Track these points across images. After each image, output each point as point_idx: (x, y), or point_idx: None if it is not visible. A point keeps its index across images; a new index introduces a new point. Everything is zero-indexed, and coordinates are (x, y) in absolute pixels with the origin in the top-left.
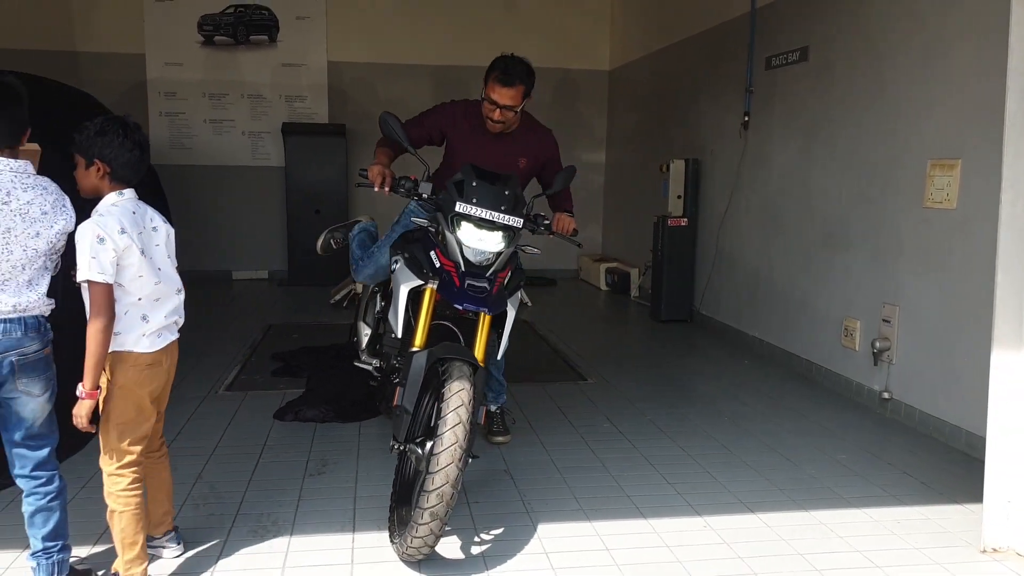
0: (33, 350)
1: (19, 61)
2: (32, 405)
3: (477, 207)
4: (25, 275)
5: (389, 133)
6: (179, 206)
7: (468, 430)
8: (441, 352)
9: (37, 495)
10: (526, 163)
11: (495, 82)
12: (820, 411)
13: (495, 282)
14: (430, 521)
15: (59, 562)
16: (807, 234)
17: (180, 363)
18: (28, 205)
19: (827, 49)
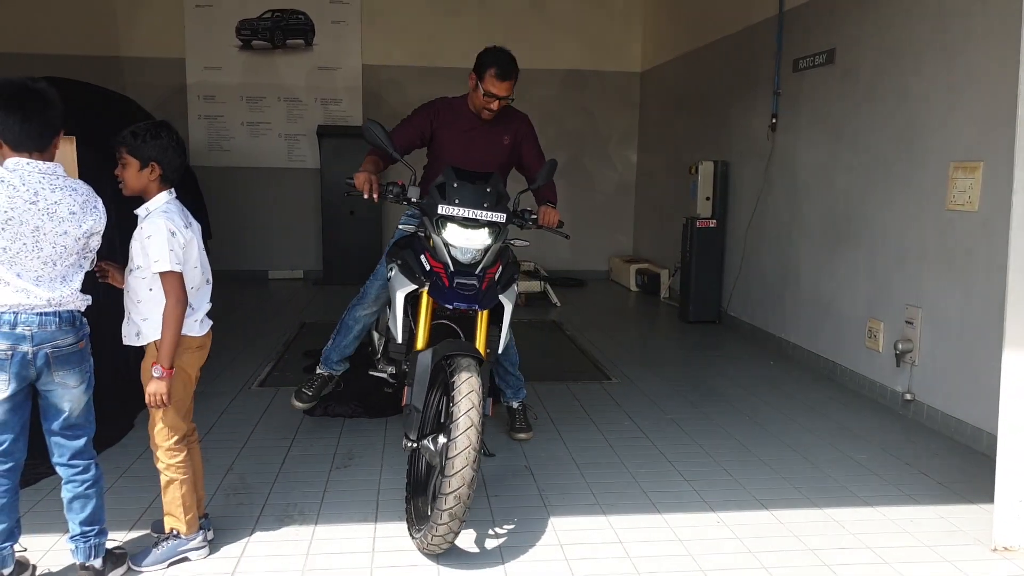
0: (68, 343)
1: (67, 66)
2: (68, 396)
3: (460, 207)
4: (57, 271)
5: (373, 140)
6: (217, 207)
7: (480, 431)
8: (445, 349)
9: (75, 483)
10: (509, 140)
11: (493, 77)
12: (842, 412)
13: (484, 278)
14: (449, 521)
15: (96, 546)
16: (832, 236)
17: (216, 359)
18: (56, 205)
19: (853, 51)
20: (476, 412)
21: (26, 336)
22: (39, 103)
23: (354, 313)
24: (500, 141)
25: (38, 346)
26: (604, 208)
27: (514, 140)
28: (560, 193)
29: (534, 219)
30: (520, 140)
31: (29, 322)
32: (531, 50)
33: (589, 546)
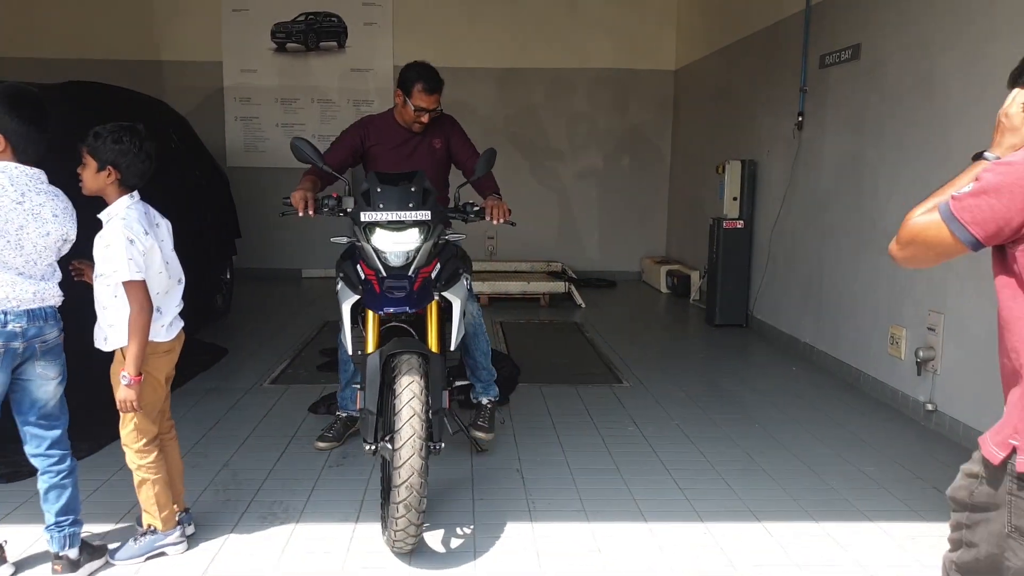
0: (52, 336)
1: (109, 70)
2: (46, 387)
3: (383, 211)
4: (37, 269)
5: (301, 156)
6: (252, 207)
7: (424, 419)
8: (390, 349)
9: (50, 473)
10: (441, 144)
11: (422, 92)
12: (860, 421)
13: (417, 279)
14: (405, 512)
15: (71, 535)
16: (856, 237)
17: (235, 355)
18: (41, 207)
19: (878, 46)
20: (418, 401)
21: (17, 333)
22: (42, 115)
23: (344, 349)
24: (433, 147)
25: (31, 340)
26: (636, 208)
27: (446, 142)
28: (592, 193)
29: (476, 211)
30: (450, 140)
31: (19, 319)
32: (563, 49)
33: (566, 554)
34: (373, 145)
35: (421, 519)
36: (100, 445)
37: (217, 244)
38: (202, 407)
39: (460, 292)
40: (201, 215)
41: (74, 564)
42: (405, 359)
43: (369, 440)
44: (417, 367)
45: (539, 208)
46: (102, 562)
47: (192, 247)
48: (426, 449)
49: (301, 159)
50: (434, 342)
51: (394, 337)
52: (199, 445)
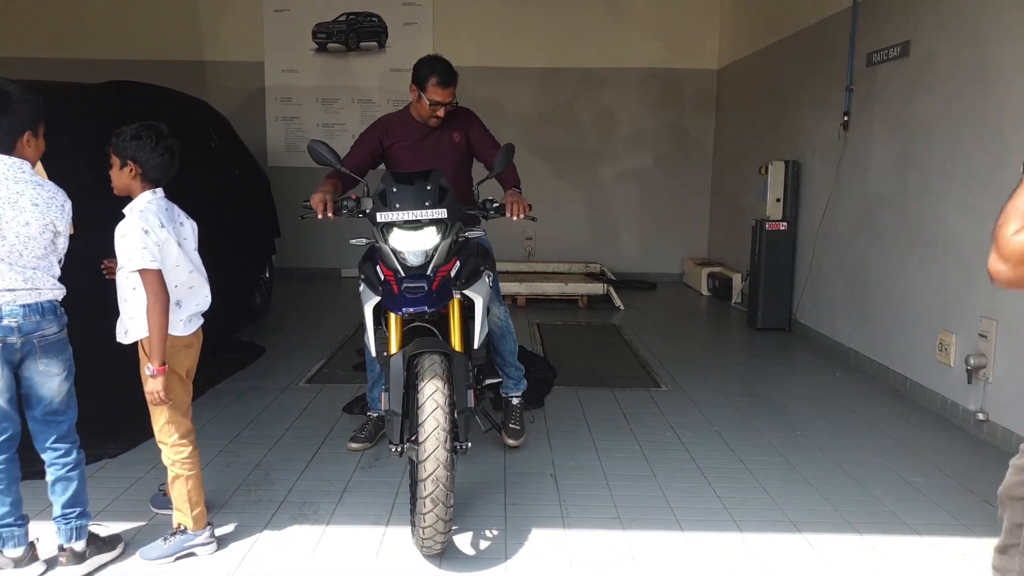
0: (52, 332)
1: (155, 71)
2: (51, 384)
3: (399, 211)
4: (25, 260)
5: (318, 159)
6: (292, 207)
7: (448, 413)
8: (413, 349)
9: (56, 465)
10: (460, 137)
11: (436, 86)
12: (906, 430)
13: (435, 278)
14: (432, 508)
15: (77, 527)
16: (904, 240)
17: (272, 354)
18: (18, 195)
19: (929, 43)
20: (440, 395)
21: (13, 328)
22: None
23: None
24: (451, 141)
25: (26, 336)
26: (677, 209)
27: (464, 136)
28: (632, 194)
29: (496, 208)
30: (469, 133)
31: (15, 314)
32: (604, 49)
33: (599, 562)
34: (392, 143)
35: (449, 515)
36: (134, 443)
37: (257, 243)
38: (238, 406)
39: (482, 290)
40: (241, 214)
41: (79, 556)
42: (427, 357)
43: (395, 441)
44: (439, 363)
45: (578, 209)
46: (114, 554)
47: (231, 246)
48: (451, 443)
49: (318, 162)
50: (457, 341)
51: (417, 337)
52: (233, 444)
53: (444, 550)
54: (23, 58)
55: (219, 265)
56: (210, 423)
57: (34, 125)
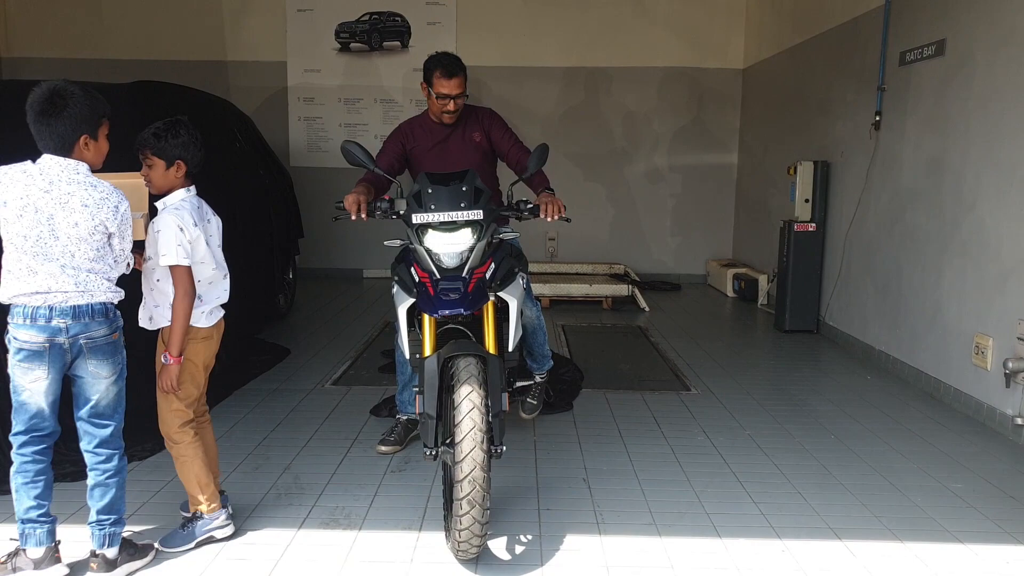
0: (101, 334)
1: (179, 71)
2: (99, 386)
3: (435, 212)
4: (78, 261)
5: (352, 160)
6: (314, 207)
7: (485, 413)
8: (448, 351)
9: (97, 471)
10: (480, 138)
11: (441, 78)
12: (942, 435)
13: (471, 280)
14: (469, 510)
15: (111, 534)
16: (939, 242)
17: (298, 356)
18: (69, 196)
19: (965, 42)
20: (477, 396)
21: (61, 328)
22: (48, 112)
23: (401, 351)
24: (472, 140)
25: (73, 337)
26: (702, 210)
27: (485, 136)
28: (656, 194)
29: (531, 209)
30: (490, 132)
31: (64, 314)
32: (628, 48)
33: (637, 569)
34: (414, 148)
35: (486, 518)
36: (162, 446)
37: (280, 244)
38: (264, 408)
39: (516, 292)
40: (264, 214)
41: (111, 563)
42: (463, 359)
43: (429, 445)
44: (475, 365)
45: (602, 209)
46: (145, 562)
47: (255, 247)
48: (488, 444)
49: (352, 163)
50: (491, 343)
51: (451, 339)
52: (261, 447)
53: (479, 555)
54: (48, 58)
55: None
56: (238, 426)
57: (91, 128)
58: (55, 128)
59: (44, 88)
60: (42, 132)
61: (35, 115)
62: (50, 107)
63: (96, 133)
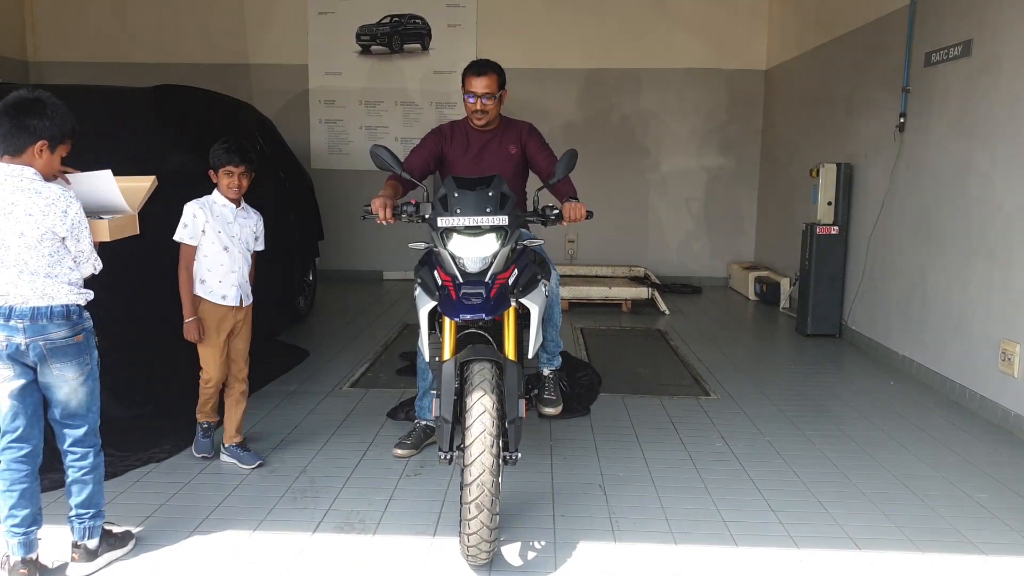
0: (61, 336)
1: (203, 74)
2: (66, 388)
3: (461, 216)
4: (32, 267)
5: (380, 163)
6: (335, 209)
7: (496, 418)
8: (464, 356)
9: (73, 468)
10: (516, 150)
11: (470, 76)
12: (968, 443)
13: (494, 286)
14: (477, 514)
15: (90, 527)
16: (965, 246)
17: (317, 358)
18: (12, 206)
19: (993, 42)
20: (488, 399)
21: (19, 328)
22: (13, 110)
23: (423, 357)
24: (507, 152)
25: (31, 339)
26: (724, 212)
27: (521, 149)
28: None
29: (557, 214)
30: (526, 145)
31: (22, 315)
32: (650, 49)
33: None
34: (450, 150)
35: (495, 523)
36: (179, 449)
37: (301, 246)
38: (282, 410)
39: (538, 299)
40: (285, 217)
41: (92, 553)
42: (478, 364)
43: (445, 448)
44: (489, 370)
45: (622, 211)
46: (125, 550)
47: (275, 249)
48: (498, 449)
49: (380, 166)
50: (511, 350)
51: (470, 344)
52: (277, 450)
53: (491, 560)
54: (74, 63)
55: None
56: (255, 427)
57: (53, 139)
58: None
59: (26, 93)
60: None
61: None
62: (13, 109)
63: (55, 147)
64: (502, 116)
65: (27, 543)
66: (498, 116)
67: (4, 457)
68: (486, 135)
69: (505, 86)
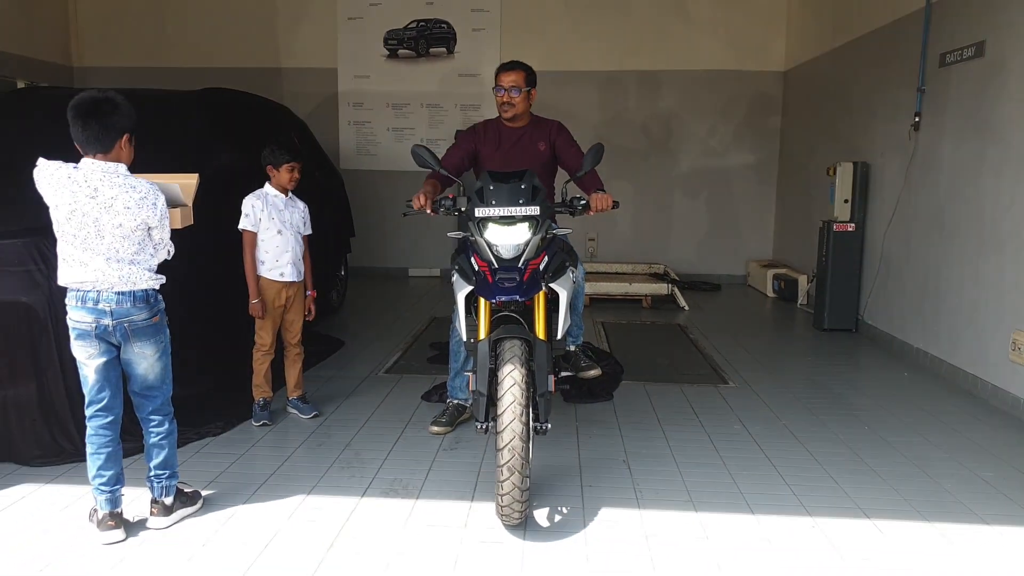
0: (142, 318)
1: (237, 77)
2: (144, 364)
3: (496, 207)
4: (122, 255)
5: (421, 162)
6: (363, 208)
7: (525, 389)
8: (498, 335)
9: (151, 434)
10: (545, 147)
11: (500, 72)
12: (976, 428)
13: (526, 270)
14: (509, 476)
15: (167, 486)
16: (977, 241)
17: (351, 346)
18: (112, 200)
19: (1005, 43)
20: (519, 372)
21: (106, 311)
22: (96, 112)
23: (455, 338)
24: (537, 149)
25: (116, 320)
26: (743, 211)
27: (550, 144)
28: (697, 195)
29: (584, 204)
30: (555, 142)
31: (109, 299)
32: (670, 51)
33: (674, 538)
34: (483, 147)
35: (525, 484)
36: (232, 424)
37: (334, 242)
38: (323, 392)
39: (567, 284)
40: (320, 214)
41: (168, 509)
42: (509, 341)
43: (481, 420)
44: (519, 346)
45: (642, 210)
46: (195, 508)
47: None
48: (528, 419)
49: (420, 164)
50: (541, 330)
51: (503, 325)
52: (323, 427)
53: (524, 521)
54: (116, 67)
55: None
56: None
57: (132, 131)
58: (104, 123)
59: (91, 93)
60: (89, 127)
61: (83, 114)
62: (99, 108)
63: (132, 138)
64: (532, 115)
65: (113, 499)
66: (528, 114)
67: (92, 424)
68: (516, 132)
69: (535, 85)
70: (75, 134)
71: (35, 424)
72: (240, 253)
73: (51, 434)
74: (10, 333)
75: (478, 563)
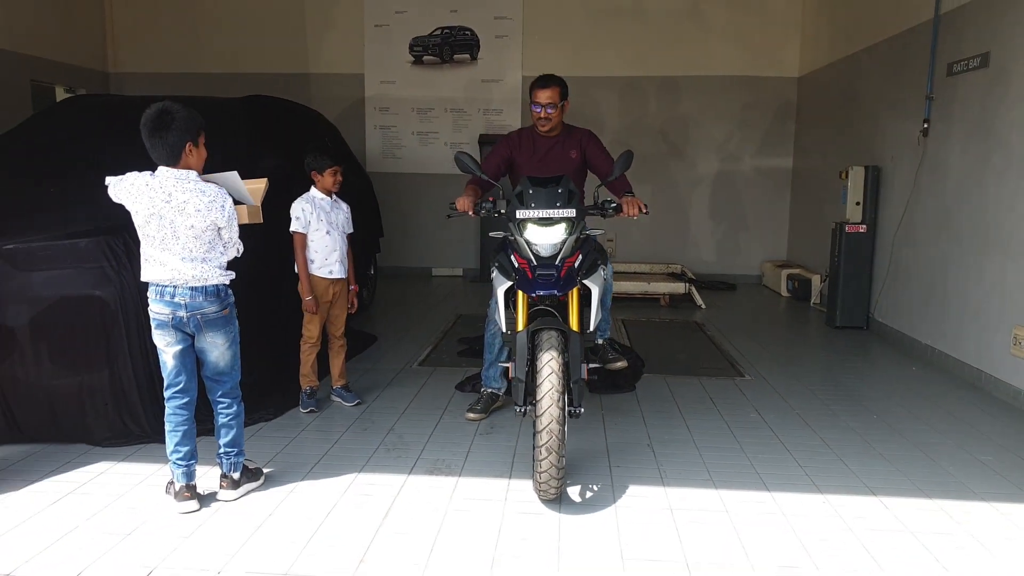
0: (213, 311)
1: (267, 83)
2: (216, 352)
3: (535, 209)
4: (195, 254)
5: (463, 167)
6: (389, 210)
7: (562, 377)
8: (535, 326)
9: (221, 415)
10: (576, 155)
11: (535, 88)
12: (979, 418)
13: (563, 267)
14: (547, 455)
15: (235, 463)
16: (982, 241)
17: (384, 341)
18: (184, 204)
19: (1008, 54)
20: (556, 362)
21: (181, 304)
22: (157, 130)
23: (490, 331)
24: (569, 156)
25: (191, 313)
26: (758, 213)
27: (581, 154)
28: (713, 197)
29: (615, 207)
30: (586, 151)
31: (183, 294)
32: (687, 57)
33: (696, 511)
34: (517, 155)
35: (562, 463)
36: (283, 411)
37: (364, 242)
38: (362, 383)
39: (598, 281)
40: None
41: (236, 483)
42: (546, 332)
43: (519, 404)
44: (556, 337)
45: (660, 211)
46: (259, 483)
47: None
48: (564, 403)
49: (463, 169)
50: (575, 322)
51: (539, 317)
52: (366, 413)
53: (559, 497)
54: (150, 73)
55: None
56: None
57: (194, 137)
58: (166, 140)
59: (154, 109)
60: (156, 145)
61: (149, 132)
62: (160, 123)
63: (197, 141)
64: (564, 124)
65: (188, 473)
66: (561, 123)
67: (170, 404)
68: (550, 141)
69: (567, 97)
70: (148, 149)
71: (107, 408)
72: (285, 252)
73: (120, 418)
74: (86, 325)
75: (520, 529)
